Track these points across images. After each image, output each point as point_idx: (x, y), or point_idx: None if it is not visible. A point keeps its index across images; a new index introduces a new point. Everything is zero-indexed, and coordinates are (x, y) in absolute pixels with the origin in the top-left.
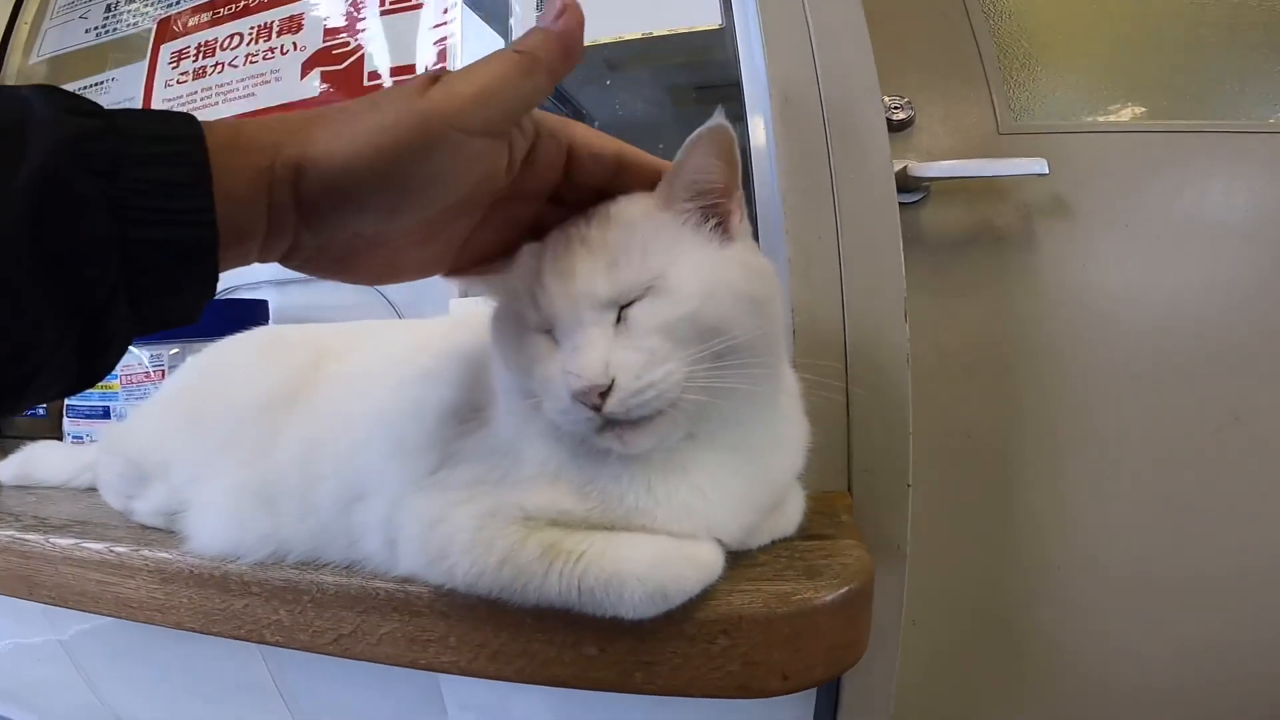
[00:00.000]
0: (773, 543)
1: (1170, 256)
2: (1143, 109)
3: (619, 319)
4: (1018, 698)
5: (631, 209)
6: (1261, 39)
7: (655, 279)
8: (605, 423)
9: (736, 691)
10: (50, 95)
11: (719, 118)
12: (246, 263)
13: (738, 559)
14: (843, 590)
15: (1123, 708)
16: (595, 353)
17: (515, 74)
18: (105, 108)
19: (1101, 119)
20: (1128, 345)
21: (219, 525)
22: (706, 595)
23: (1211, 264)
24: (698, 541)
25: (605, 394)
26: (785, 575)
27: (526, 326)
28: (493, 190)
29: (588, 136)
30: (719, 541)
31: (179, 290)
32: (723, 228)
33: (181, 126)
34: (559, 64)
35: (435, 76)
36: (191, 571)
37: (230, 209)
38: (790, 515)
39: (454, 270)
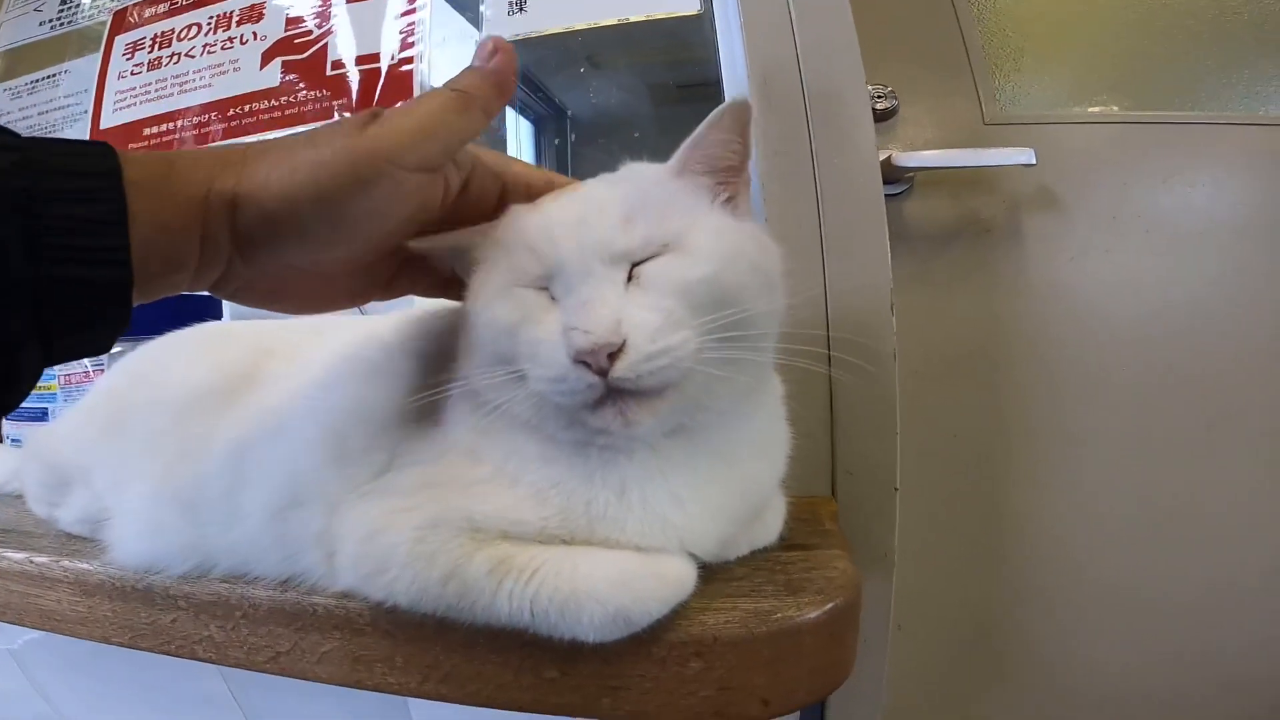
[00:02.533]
0: (751, 553)
1: (1158, 249)
2: (1130, 100)
3: (629, 279)
4: (1002, 702)
5: (644, 172)
6: (1247, 31)
7: (674, 237)
8: (605, 394)
9: (712, 718)
10: None
11: (742, 94)
12: (174, 292)
13: (713, 572)
14: (827, 607)
15: (1107, 714)
16: (607, 308)
17: (451, 112)
18: (22, 137)
19: (1089, 110)
20: (1116, 340)
21: (138, 534)
22: (677, 614)
23: (1200, 257)
24: (667, 557)
25: (613, 356)
26: (764, 590)
27: (515, 283)
28: (427, 220)
29: (521, 170)
30: (691, 554)
31: (92, 326)
32: (732, 204)
33: (98, 161)
34: (493, 101)
35: (375, 114)
36: (113, 584)
37: (161, 240)
38: (770, 523)
39: (385, 294)
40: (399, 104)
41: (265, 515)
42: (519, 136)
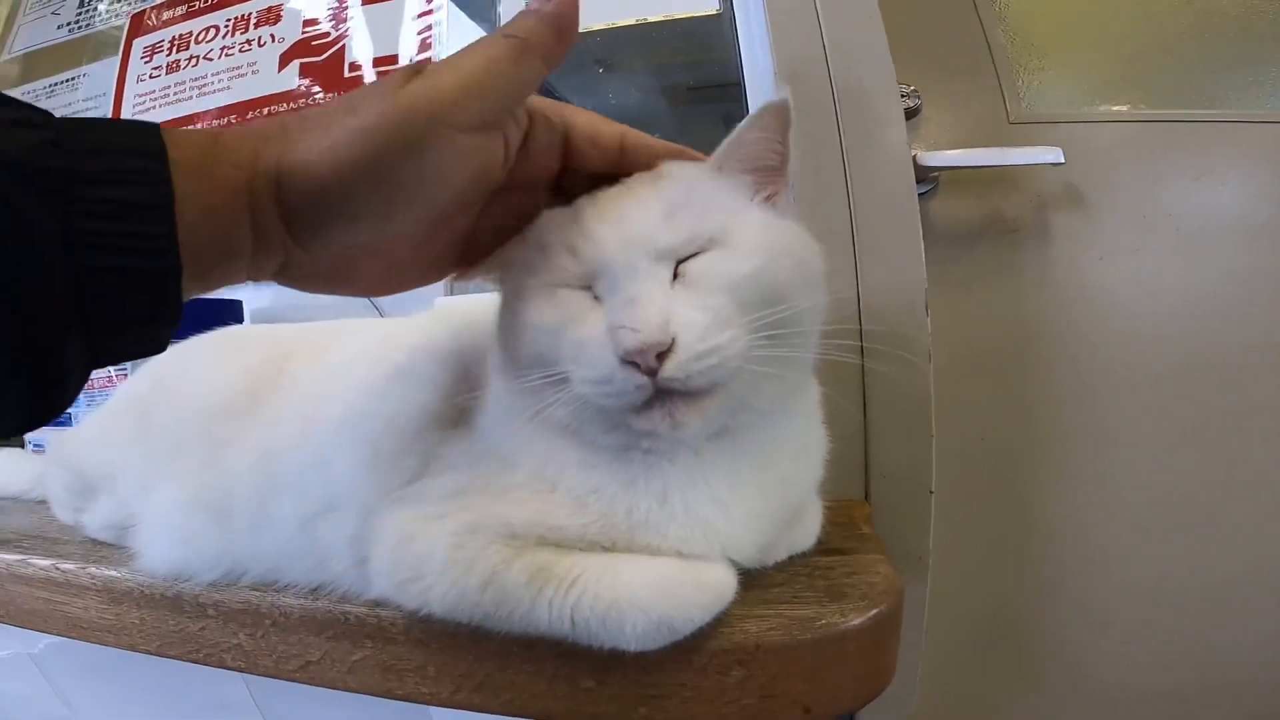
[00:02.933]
0: (789, 559)
1: (1188, 248)
2: (1156, 98)
3: (674, 277)
4: (1027, 703)
5: (684, 170)
6: (1275, 27)
7: (718, 233)
8: (653, 395)
9: None
10: None
11: (783, 93)
12: (235, 282)
13: (752, 579)
14: (871, 613)
15: (1135, 713)
16: (654, 306)
17: (505, 61)
18: (59, 118)
19: (1115, 108)
20: (1144, 340)
21: (166, 541)
22: (719, 622)
23: (1230, 256)
24: (707, 563)
25: (662, 356)
26: (805, 597)
27: (556, 283)
28: (489, 185)
29: (587, 121)
30: (731, 560)
31: (139, 321)
32: (772, 203)
33: (141, 140)
34: (553, 48)
35: (417, 69)
36: (141, 591)
37: (209, 226)
38: (808, 528)
39: (460, 272)
40: (446, 57)
41: (296, 521)
42: None
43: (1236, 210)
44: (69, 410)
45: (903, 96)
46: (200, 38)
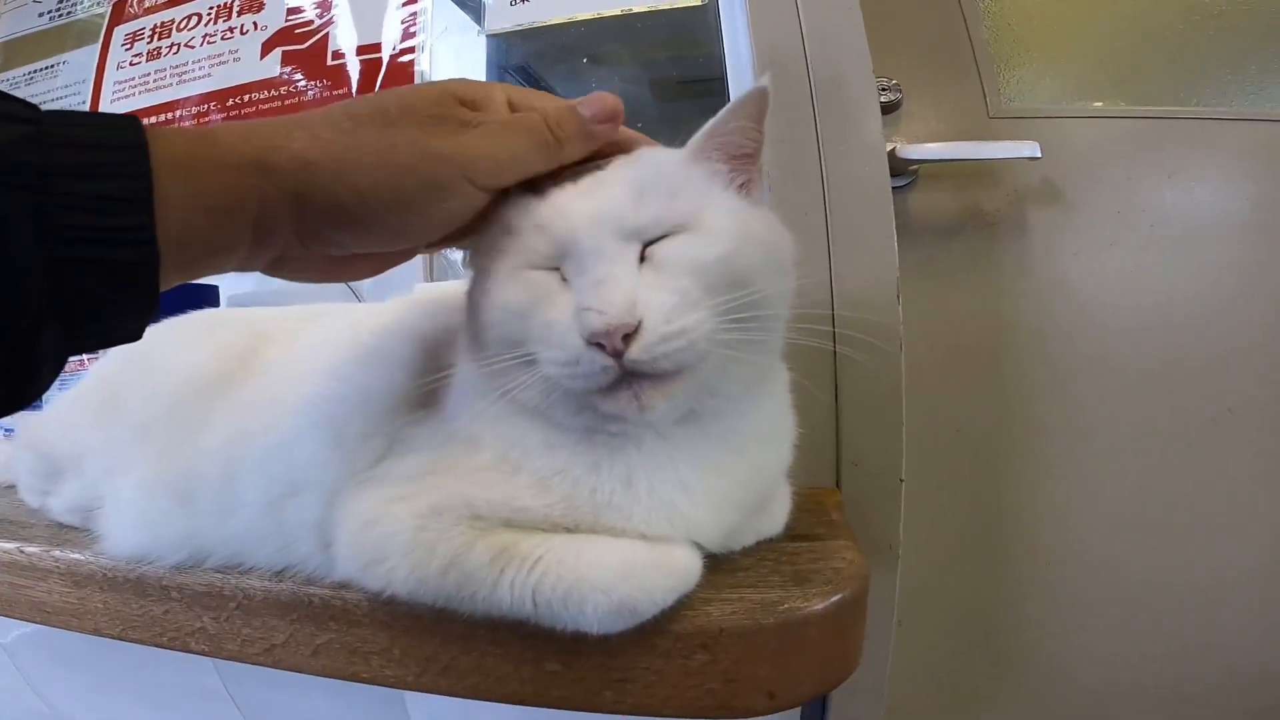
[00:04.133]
0: (756, 544)
1: (1163, 244)
2: (1135, 95)
3: (642, 259)
4: (1005, 698)
5: (656, 155)
6: (1253, 26)
7: (687, 217)
8: (620, 378)
9: (717, 711)
10: None
11: (763, 81)
12: (221, 272)
13: (718, 563)
14: (835, 598)
15: (1112, 709)
16: (621, 288)
17: (535, 153)
18: (42, 111)
19: (1094, 104)
20: (1120, 334)
21: (130, 524)
22: (683, 605)
23: (1205, 252)
24: (672, 546)
25: (628, 338)
26: (770, 581)
27: (525, 264)
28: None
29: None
30: (697, 544)
31: (116, 312)
32: (745, 190)
33: (120, 134)
34: (576, 156)
35: (465, 122)
36: (104, 574)
37: (203, 222)
38: (776, 514)
39: (429, 250)
40: (497, 117)
41: (261, 504)
42: None
43: (1212, 207)
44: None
45: (884, 90)
46: (182, 25)
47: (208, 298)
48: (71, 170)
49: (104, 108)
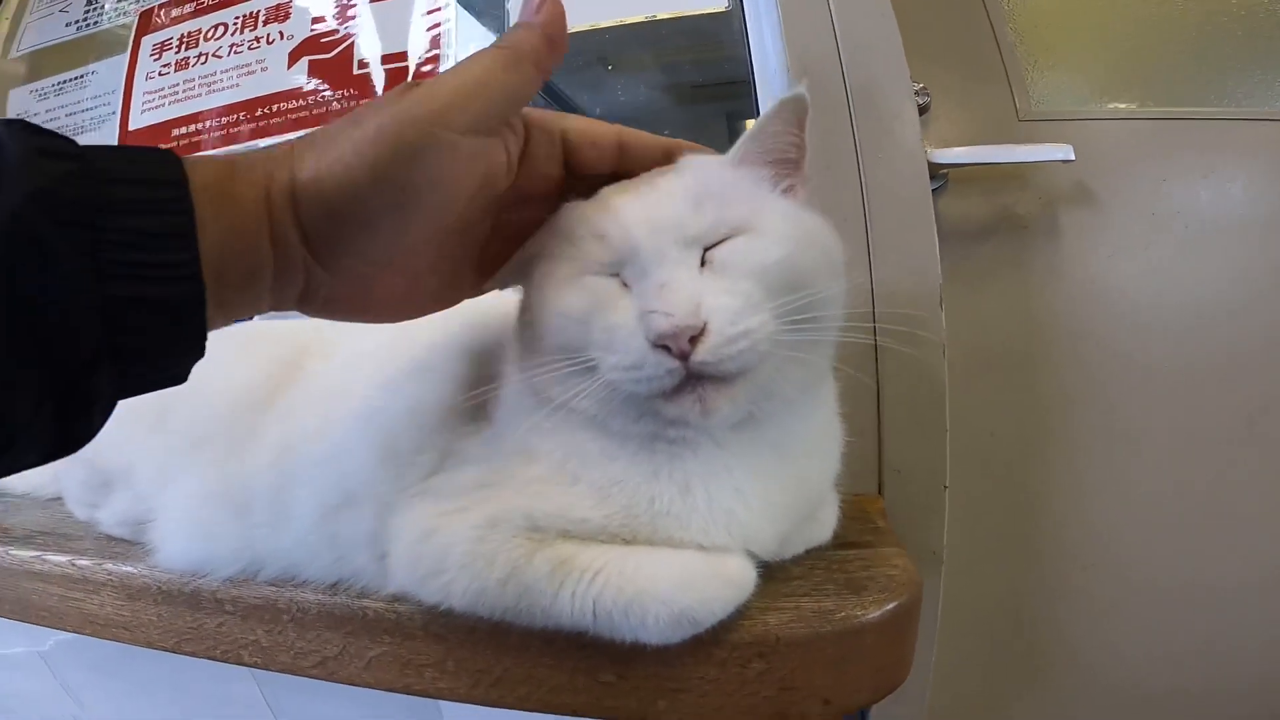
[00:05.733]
0: (806, 552)
1: (1197, 246)
2: (1165, 96)
3: (702, 264)
4: (1039, 702)
5: (705, 162)
6: None
7: (745, 221)
8: (684, 379)
9: (772, 718)
10: (22, 134)
11: (799, 87)
12: (259, 310)
13: (770, 572)
14: (890, 606)
15: (1146, 713)
16: (686, 291)
17: (499, 69)
18: (80, 146)
19: (1124, 106)
20: (1154, 337)
21: (185, 536)
22: (739, 615)
23: (1239, 253)
24: (727, 555)
25: (694, 340)
26: (825, 590)
27: (584, 270)
28: (495, 193)
29: (582, 125)
30: (750, 553)
31: (166, 351)
32: (791, 195)
33: (163, 169)
34: (544, 56)
35: (416, 82)
36: (159, 587)
37: (234, 246)
38: (825, 522)
39: (478, 285)
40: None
41: (315, 516)
42: None
43: (1245, 208)
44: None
45: (914, 94)
46: (209, 35)
47: None
48: (123, 207)
49: (134, 118)
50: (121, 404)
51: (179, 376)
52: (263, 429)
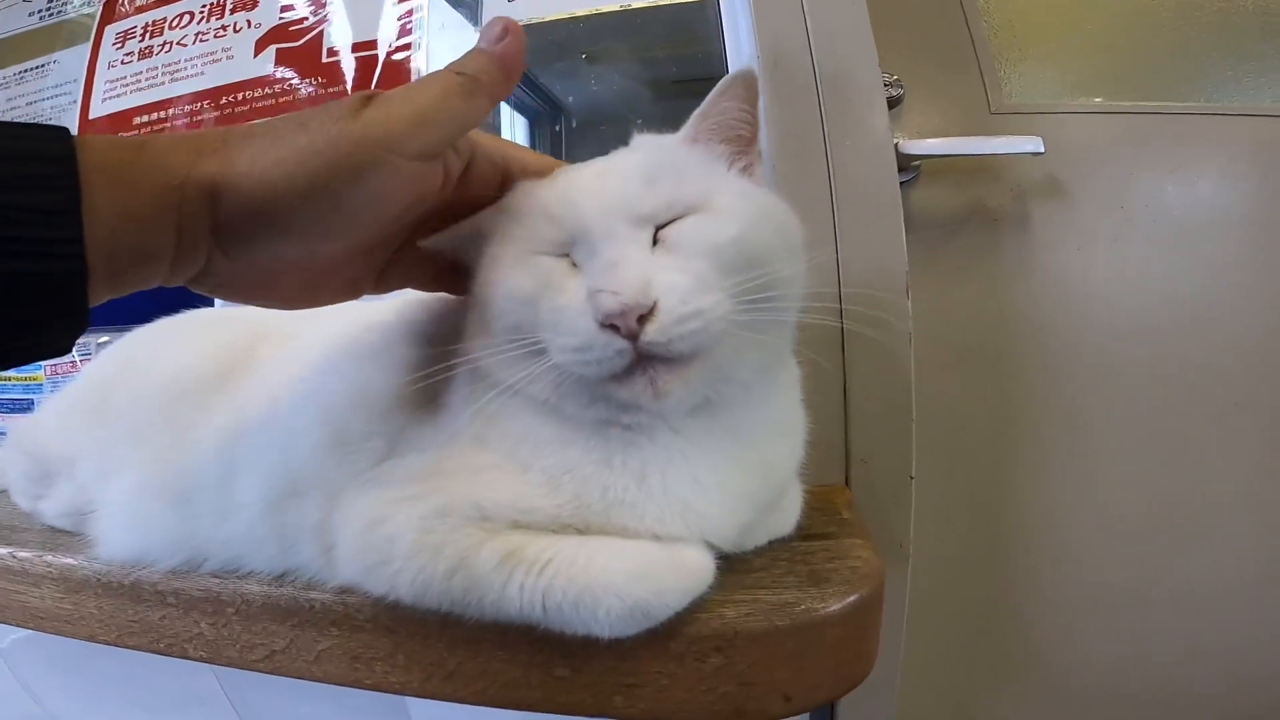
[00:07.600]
0: (769, 544)
1: (1165, 240)
2: (1136, 90)
3: (654, 243)
4: (1007, 700)
5: (659, 141)
6: (1253, 21)
7: (697, 199)
8: (634, 363)
9: (732, 716)
10: None
11: (749, 65)
12: (149, 286)
13: (730, 564)
14: (851, 598)
15: (1114, 711)
16: (634, 270)
17: (455, 97)
18: None
19: (1096, 100)
20: (1122, 331)
21: (125, 527)
22: (696, 607)
23: (1209, 248)
24: (685, 546)
25: (643, 320)
26: (785, 582)
27: (533, 250)
28: (423, 209)
29: (520, 154)
30: (709, 544)
31: (43, 326)
32: (747, 174)
33: (46, 145)
34: (499, 86)
35: (369, 97)
36: (99, 579)
37: (129, 230)
38: (788, 512)
39: (377, 288)
40: (397, 87)
41: (260, 506)
42: (513, 132)
43: (1213, 203)
44: (33, 398)
45: (886, 85)
46: (174, 23)
47: (201, 297)
48: (5, 183)
49: (95, 107)
50: (64, 394)
51: (61, 349)
52: (208, 418)
